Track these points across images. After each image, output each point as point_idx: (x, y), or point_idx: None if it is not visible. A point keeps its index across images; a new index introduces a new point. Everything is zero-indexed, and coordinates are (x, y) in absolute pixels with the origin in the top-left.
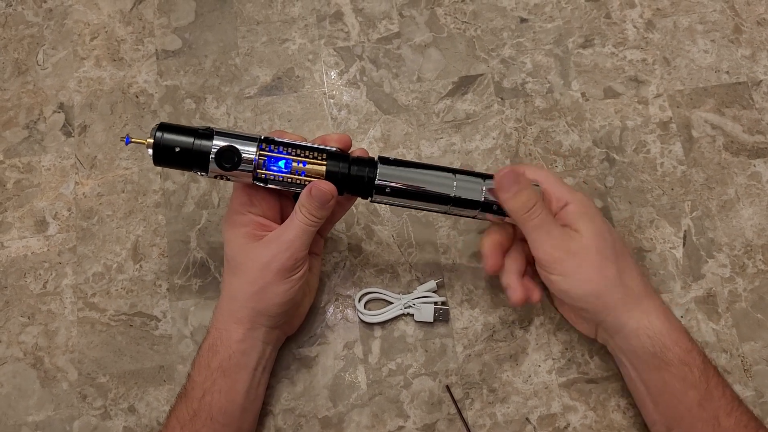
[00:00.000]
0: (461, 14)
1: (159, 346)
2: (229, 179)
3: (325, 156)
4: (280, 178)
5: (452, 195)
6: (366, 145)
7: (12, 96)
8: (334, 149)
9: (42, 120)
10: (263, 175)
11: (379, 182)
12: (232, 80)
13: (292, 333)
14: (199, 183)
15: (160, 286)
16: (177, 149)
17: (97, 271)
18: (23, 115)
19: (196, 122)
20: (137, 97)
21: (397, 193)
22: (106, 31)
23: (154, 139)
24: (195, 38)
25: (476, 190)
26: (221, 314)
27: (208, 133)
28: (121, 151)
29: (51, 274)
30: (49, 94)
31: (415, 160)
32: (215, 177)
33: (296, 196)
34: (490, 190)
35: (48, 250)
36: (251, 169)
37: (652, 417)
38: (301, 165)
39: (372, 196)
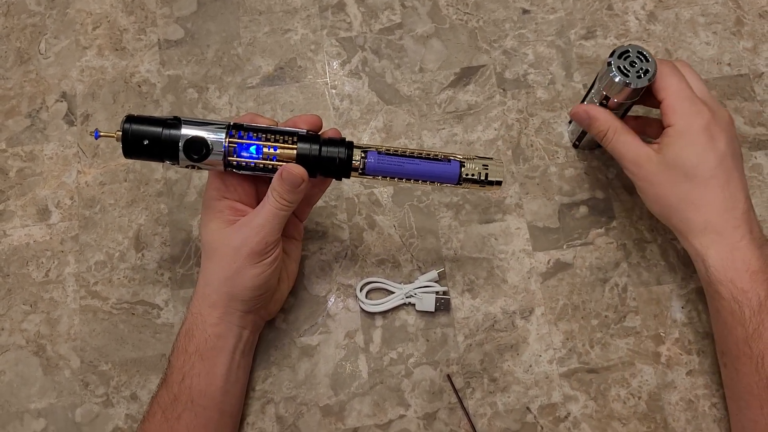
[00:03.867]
0: (463, 5)
1: (161, 334)
2: (201, 168)
3: (296, 139)
4: (252, 164)
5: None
6: (368, 135)
7: (14, 85)
8: (305, 131)
9: (44, 109)
10: (235, 162)
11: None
12: (235, 70)
13: (270, 318)
14: (202, 172)
15: (162, 274)
16: (146, 141)
17: (99, 259)
18: (25, 104)
19: (199, 112)
20: (140, 86)
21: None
22: (109, 21)
23: (122, 132)
24: (197, 28)
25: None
26: (197, 299)
27: (176, 123)
28: None
29: (53, 263)
30: (51, 83)
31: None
32: (187, 167)
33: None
34: None
35: (50, 238)
36: (222, 157)
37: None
38: (272, 150)
39: (348, 176)
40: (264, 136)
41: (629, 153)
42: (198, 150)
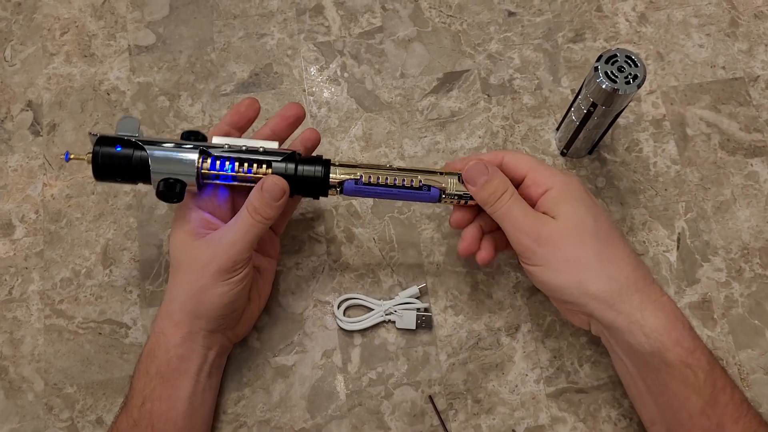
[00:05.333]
0: (446, 7)
1: (129, 354)
2: None
3: (269, 167)
4: (229, 180)
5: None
6: (347, 144)
7: None
8: (280, 158)
9: (9, 118)
10: (209, 181)
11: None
12: (208, 77)
13: (238, 340)
14: None
15: (131, 292)
16: (117, 163)
17: (65, 276)
18: None
19: (170, 121)
20: (108, 94)
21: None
22: (77, 26)
23: (93, 154)
24: (169, 33)
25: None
26: (161, 317)
27: (142, 145)
28: None
29: (17, 280)
30: (17, 91)
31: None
32: None
33: None
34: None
35: (14, 254)
36: (195, 180)
37: (651, 416)
38: (246, 173)
39: (325, 195)
40: (237, 163)
41: (525, 219)
42: (171, 192)
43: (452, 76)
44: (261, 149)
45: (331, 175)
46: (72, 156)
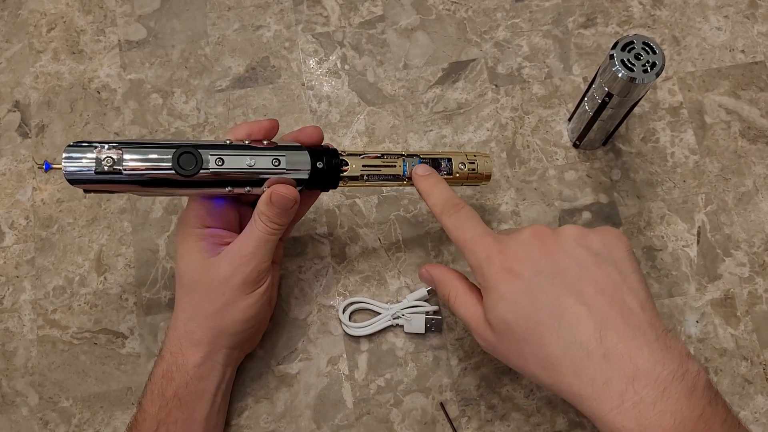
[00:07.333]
0: None
1: (126, 365)
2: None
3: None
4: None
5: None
6: (349, 139)
7: None
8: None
9: None
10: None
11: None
12: (202, 72)
13: (250, 351)
14: None
15: (127, 299)
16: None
17: (57, 284)
18: None
19: (164, 119)
20: (99, 92)
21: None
22: (65, 21)
23: (65, 157)
24: (161, 27)
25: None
26: (176, 336)
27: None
28: None
29: (8, 289)
30: (3, 91)
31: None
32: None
33: (255, 203)
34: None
35: (4, 262)
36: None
37: None
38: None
39: (335, 187)
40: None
41: (466, 319)
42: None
43: (458, 66)
44: (265, 143)
45: (343, 163)
46: (54, 165)
